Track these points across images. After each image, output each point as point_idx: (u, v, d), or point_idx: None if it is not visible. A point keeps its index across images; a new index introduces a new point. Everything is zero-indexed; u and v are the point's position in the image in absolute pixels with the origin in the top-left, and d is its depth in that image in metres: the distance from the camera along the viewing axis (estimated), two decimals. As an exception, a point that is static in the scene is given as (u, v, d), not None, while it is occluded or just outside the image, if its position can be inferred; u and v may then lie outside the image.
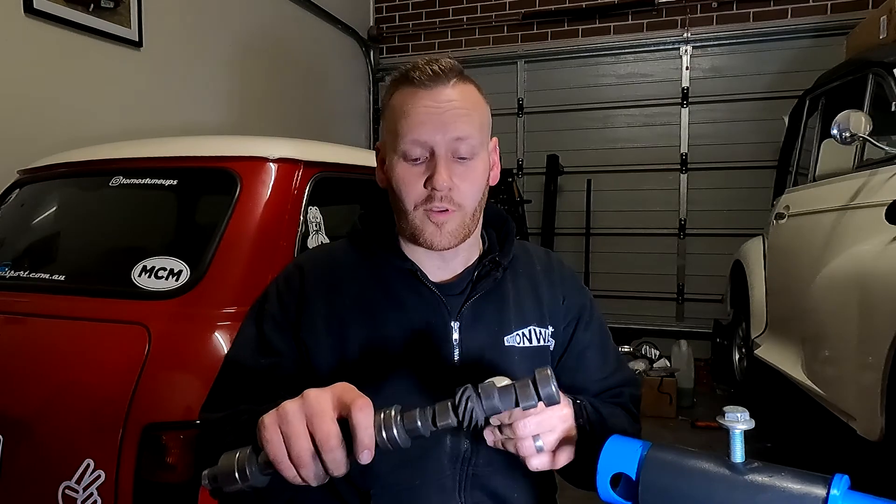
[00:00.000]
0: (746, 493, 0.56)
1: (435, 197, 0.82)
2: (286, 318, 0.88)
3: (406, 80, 0.84)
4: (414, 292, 0.88)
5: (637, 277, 4.67)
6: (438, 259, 0.90)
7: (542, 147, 4.81)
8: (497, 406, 0.63)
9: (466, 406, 0.63)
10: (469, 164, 0.84)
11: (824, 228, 2.48)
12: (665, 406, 3.63)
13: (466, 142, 0.83)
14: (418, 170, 0.83)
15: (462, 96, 0.84)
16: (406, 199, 0.84)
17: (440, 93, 0.82)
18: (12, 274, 1.67)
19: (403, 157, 0.83)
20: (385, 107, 0.88)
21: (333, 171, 1.73)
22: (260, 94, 4.07)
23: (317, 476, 0.62)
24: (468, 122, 0.83)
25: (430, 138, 0.81)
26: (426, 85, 0.82)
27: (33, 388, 1.41)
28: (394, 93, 0.86)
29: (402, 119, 0.83)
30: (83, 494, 1.28)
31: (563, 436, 0.75)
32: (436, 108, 0.82)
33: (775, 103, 4.19)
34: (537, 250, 1.03)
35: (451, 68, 0.84)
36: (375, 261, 0.90)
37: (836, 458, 2.70)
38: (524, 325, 0.91)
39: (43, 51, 2.69)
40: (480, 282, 0.90)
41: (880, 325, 1.81)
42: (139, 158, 1.76)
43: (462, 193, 0.83)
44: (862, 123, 2.19)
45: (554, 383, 0.63)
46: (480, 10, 4.97)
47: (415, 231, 0.85)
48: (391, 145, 0.85)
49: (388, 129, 0.86)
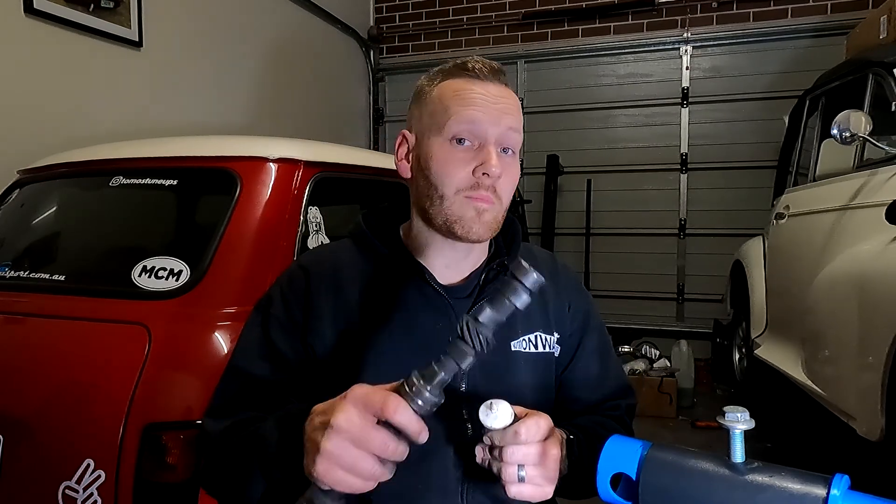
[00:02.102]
0: (746, 493, 0.56)
1: (482, 184, 0.81)
2: (292, 320, 0.87)
3: (463, 69, 0.85)
4: (420, 294, 0.87)
5: (637, 277, 4.67)
6: (449, 258, 0.89)
7: (542, 147, 4.81)
8: (495, 315, 0.63)
9: (471, 331, 0.63)
10: (510, 160, 0.85)
11: (824, 228, 2.48)
12: (665, 406, 3.63)
13: (514, 137, 0.84)
14: (465, 155, 0.82)
15: (511, 96, 0.86)
16: (447, 182, 0.82)
17: (496, 87, 0.84)
18: (12, 274, 1.67)
19: (450, 140, 0.82)
20: (427, 93, 0.87)
21: (333, 171, 1.73)
22: (259, 93, 4.07)
23: (392, 470, 0.63)
24: (515, 121, 0.85)
25: (485, 126, 0.82)
26: (486, 77, 0.84)
27: (33, 388, 1.41)
28: (443, 81, 0.86)
29: (457, 102, 0.83)
30: (83, 494, 1.28)
31: (547, 475, 0.73)
32: (493, 98, 0.83)
33: (775, 103, 4.19)
34: (543, 254, 1.02)
35: (502, 70, 0.87)
36: (381, 262, 0.89)
37: (836, 458, 2.70)
38: (530, 331, 0.91)
39: (43, 51, 2.69)
40: (488, 285, 0.89)
41: (880, 325, 1.81)
42: (139, 158, 1.76)
43: (503, 187, 0.84)
44: (862, 123, 2.19)
45: (533, 272, 0.62)
46: (480, 10, 4.97)
47: (450, 218, 0.82)
48: (434, 129, 0.84)
49: (432, 114, 0.85)
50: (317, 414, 0.66)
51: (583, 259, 4.64)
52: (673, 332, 4.43)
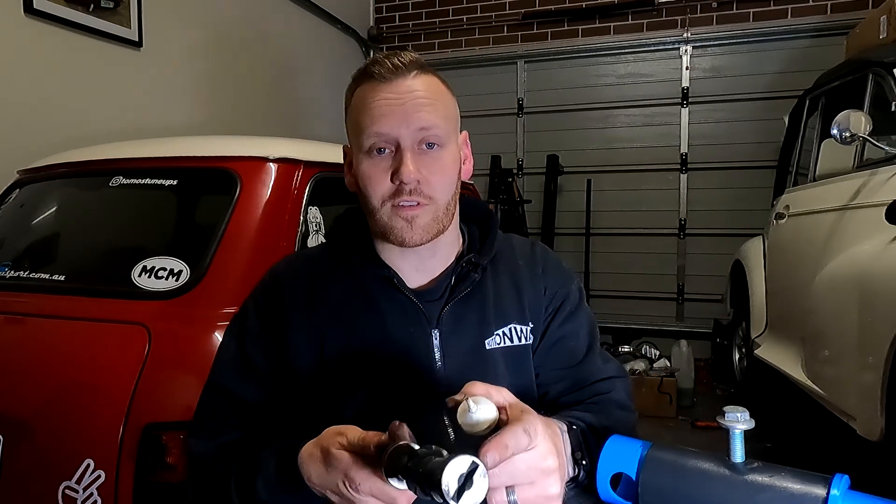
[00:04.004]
0: (746, 493, 0.56)
1: (403, 190, 0.79)
2: (267, 332, 0.86)
3: (366, 75, 0.82)
4: (392, 301, 0.85)
5: (637, 277, 4.67)
6: (416, 260, 0.87)
7: (542, 147, 4.80)
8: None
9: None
10: (436, 155, 0.81)
11: (824, 228, 2.48)
12: (665, 406, 3.63)
13: (431, 131, 0.80)
14: (384, 164, 0.80)
15: (424, 87, 0.81)
16: (373, 195, 0.81)
17: (401, 84, 0.80)
18: (12, 274, 1.67)
19: (367, 153, 0.81)
20: (347, 105, 0.86)
21: (333, 171, 1.73)
22: (259, 93, 4.06)
23: None
24: (432, 112, 0.80)
25: (394, 130, 0.79)
26: (386, 78, 0.80)
27: (33, 388, 1.41)
28: (355, 90, 0.84)
29: (364, 114, 0.80)
30: (83, 494, 1.28)
31: (547, 491, 0.62)
32: (397, 99, 0.79)
33: (775, 103, 4.18)
34: (522, 243, 0.98)
35: (413, 61, 0.82)
36: (352, 268, 0.88)
37: (836, 458, 2.70)
38: (504, 324, 0.88)
39: (43, 51, 2.69)
40: (458, 285, 0.87)
41: (880, 325, 1.81)
42: (139, 158, 1.76)
43: (432, 186, 0.80)
44: (862, 123, 2.19)
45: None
46: (480, 10, 4.97)
47: (384, 228, 0.82)
48: (355, 144, 0.83)
49: (352, 127, 0.84)
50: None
51: (583, 259, 4.64)
52: (673, 332, 4.42)
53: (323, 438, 0.67)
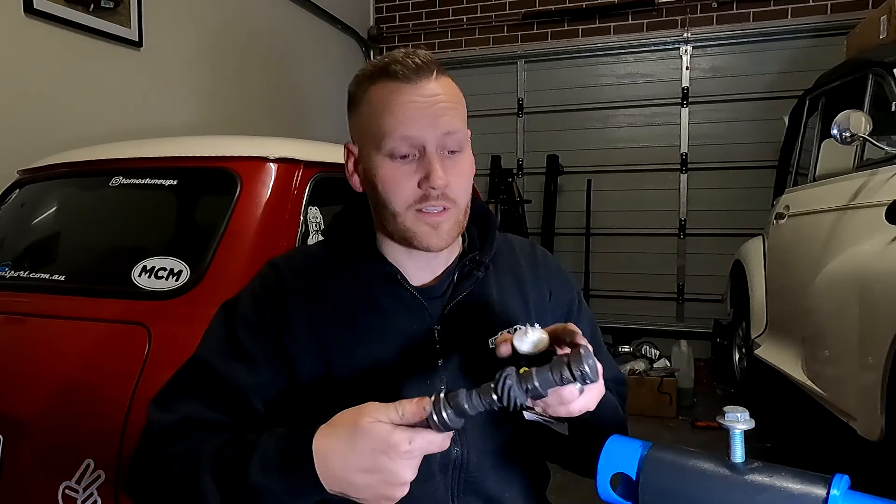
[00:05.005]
0: (746, 493, 0.56)
1: (431, 196, 0.79)
2: (261, 321, 0.84)
3: (386, 73, 0.79)
4: (395, 297, 0.85)
5: (637, 277, 4.67)
6: (421, 259, 0.87)
7: (542, 147, 4.80)
8: (536, 383, 0.64)
9: (503, 384, 0.64)
10: (458, 159, 0.81)
11: (824, 228, 2.48)
12: (665, 406, 3.63)
13: (455, 136, 0.80)
14: (408, 168, 0.79)
15: (445, 89, 0.80)
16: (396, 200, 0.80)
17: (424, 87, 0.79)
18: (12, 274, 1.67)
19: (390, 156, 0.79)
20: (358, 103, 0.83)
21: (333, 171, 1.73)
22: (260, 93, 4.06)
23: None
24: (455, 116, 0.80)
25: (421, 135, 0.78)
26: (410, 79, 0.78)
27: (33, 388, 1.41)
28: (369, 88, 0.81)
29: (387, 115, 0.78)
30: (83, 494, 1.28)
31: None
32: (424, 102, 0.78)
33: (775, 103, 4.19)
34: (522, 244, 0.99)
35: (431, 60, 0.81)
36: (354, 265, 0.87)
37: (836, 458, 2.70)
38: (509, 326, 0.87)
39: (43, 51, 2.69)
40: (461, 283, 0.87)
41: (880, 325, 1.81)
42: (139, 158, 1.76)
43: (455, 189, 0.81)
44: (862, 123, 2.19)
45: (588, 361, 0.63)
46: (480, 10, 4.97)
47: (407, 234, 0.81)
48: (372, 144, 0.81)
49: (367, 127, 0.82)
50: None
51: (583, 259, 4.64)
52: (673, 332, 4.42)
53: (342, 417, 0.68)
